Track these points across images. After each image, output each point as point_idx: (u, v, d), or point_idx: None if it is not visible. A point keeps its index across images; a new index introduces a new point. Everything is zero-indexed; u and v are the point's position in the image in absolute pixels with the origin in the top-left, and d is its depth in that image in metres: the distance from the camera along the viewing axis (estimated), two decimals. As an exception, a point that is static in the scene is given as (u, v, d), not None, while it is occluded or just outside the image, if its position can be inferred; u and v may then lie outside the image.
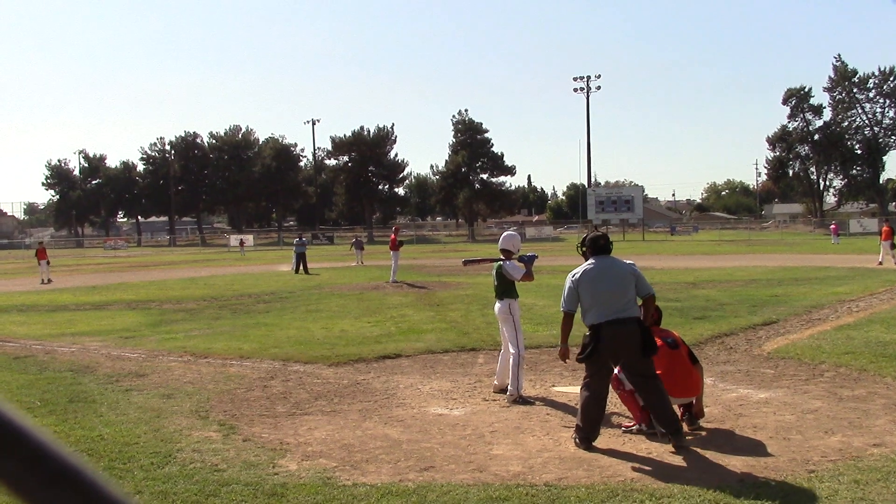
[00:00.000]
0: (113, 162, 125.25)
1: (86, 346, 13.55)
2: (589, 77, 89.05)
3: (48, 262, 33.91)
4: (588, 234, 7.63)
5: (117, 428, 7.68)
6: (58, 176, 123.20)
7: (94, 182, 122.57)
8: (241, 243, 69.35)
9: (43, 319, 18.35)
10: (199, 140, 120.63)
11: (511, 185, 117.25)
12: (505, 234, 9.98)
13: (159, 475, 6.14)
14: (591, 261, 7.17)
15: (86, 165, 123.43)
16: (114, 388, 9.83)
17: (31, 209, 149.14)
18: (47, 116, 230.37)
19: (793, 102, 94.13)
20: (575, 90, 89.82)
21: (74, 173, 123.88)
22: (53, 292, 26.95)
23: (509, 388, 8.87)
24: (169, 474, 6.16)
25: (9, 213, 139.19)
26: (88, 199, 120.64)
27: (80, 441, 7.20)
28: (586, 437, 6.76)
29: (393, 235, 29.32)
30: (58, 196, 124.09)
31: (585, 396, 6.86)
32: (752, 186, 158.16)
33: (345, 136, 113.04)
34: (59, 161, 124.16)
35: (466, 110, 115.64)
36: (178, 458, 6.58)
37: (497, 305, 9.54)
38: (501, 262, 9.41)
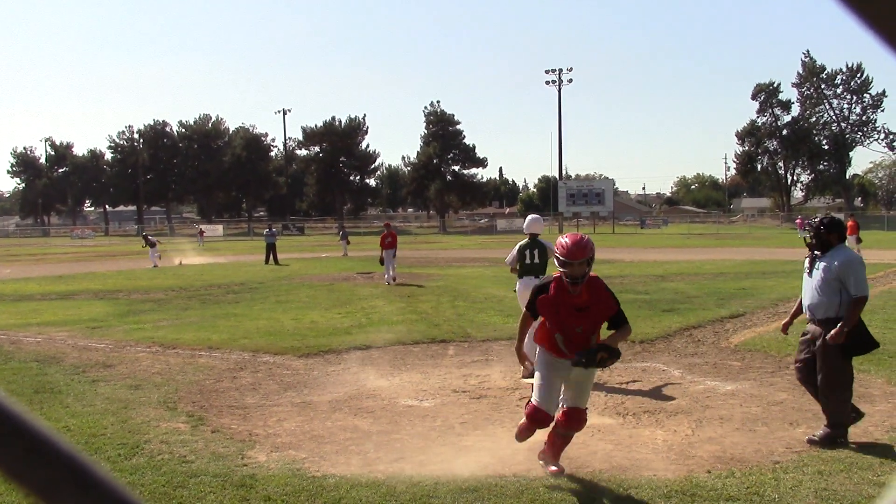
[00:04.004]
0: (80, 150, 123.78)
1: (52, 337, 13.38)
2: (561, 70, 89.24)
3: None
4: (825, 217, 7.02)
5: (84, 419, 7.61)
6: (23, 164, 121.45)
7: (60, 170, 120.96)
8: (201, 233, 67.61)
9: (7, 309, 18.10)
10: (168, 129, 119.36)
11: (482, 178, 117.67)
12: (531, 217, 10.53)
13: (127, 467, 6.09)
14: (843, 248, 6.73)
15: (52, 153, 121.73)
16: (80, 378, 9.72)
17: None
18: (12, 103, 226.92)
19: (762, 97, 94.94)
20: (547, 83, 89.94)
21: (41, 161, 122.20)
22: (18, 281, 26.58)
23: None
24: (136, 466, 6.11)
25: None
26: (55, 188, 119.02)
27: (45, 432, 7.11)
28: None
29: (393, 232, 25.13)
30: (23, 184, 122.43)
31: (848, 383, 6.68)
32: (721, 181, 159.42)
33: (316, 126, 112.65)
34: (24, 149, 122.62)
35: (438, 102, 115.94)
36: (146, 450, 6.53)
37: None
38: (544, 244, 10.05)
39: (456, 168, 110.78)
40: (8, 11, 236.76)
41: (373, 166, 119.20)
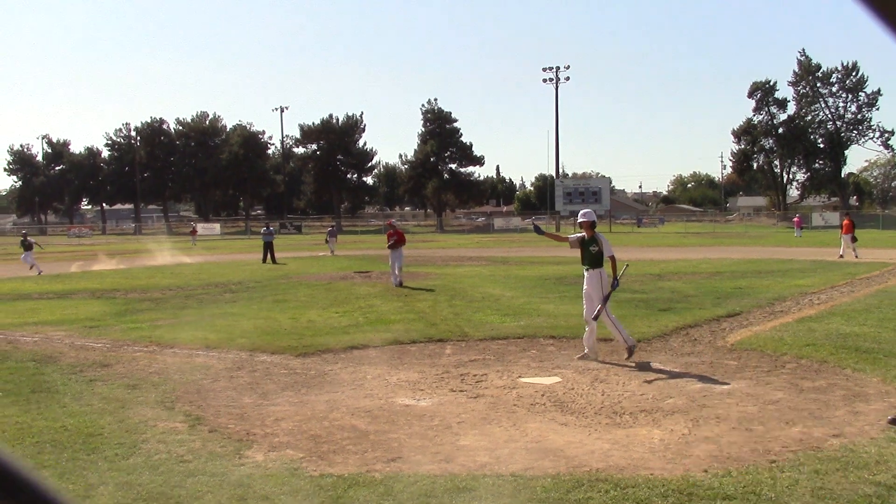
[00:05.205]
0: (77, 148, 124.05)
1: (49, 336, 13.38)
2: (558, 68, 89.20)
3: None
4: None
5: (81, 419, 7.61)
6: (20, 161, 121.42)
7: (57, 168, 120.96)
8: (193, 232, 66.84)
9: (4, 308, 18.08)
10: (165, 126, 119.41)
11: (480, 176, 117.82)
12: (585, 210, 11.21)
13: (124, 466, 6.10)
14: None
15: (49, 151, 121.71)
16: (77, 378, 9.72)
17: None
18: (9, 100, 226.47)
19: (758, 96, 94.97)
20: (544, 80, 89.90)
21: (37, 159, 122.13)
22: (15, 280, 26.55)
23: (624, 342, 10.44)
24: (134, 465, 6.12)
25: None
26: (52, 186, 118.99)
27: (42, 431, 7.13)
28: None
29: (399, 231, 22.52)
30: (20, 182, 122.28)
31: None
32: (717, 179, 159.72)
33: (313, 123, 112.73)
34: (21, 146, 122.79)
35: (436, 100, 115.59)
36: (144, 449, 6.54)
37: (589, 274, 10.66)
38: (598, 236, 10.74)
39: (453, 166, 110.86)
40: (4, 8, 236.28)
41: (370, 164, 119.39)
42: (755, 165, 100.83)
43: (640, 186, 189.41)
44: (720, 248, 40.62)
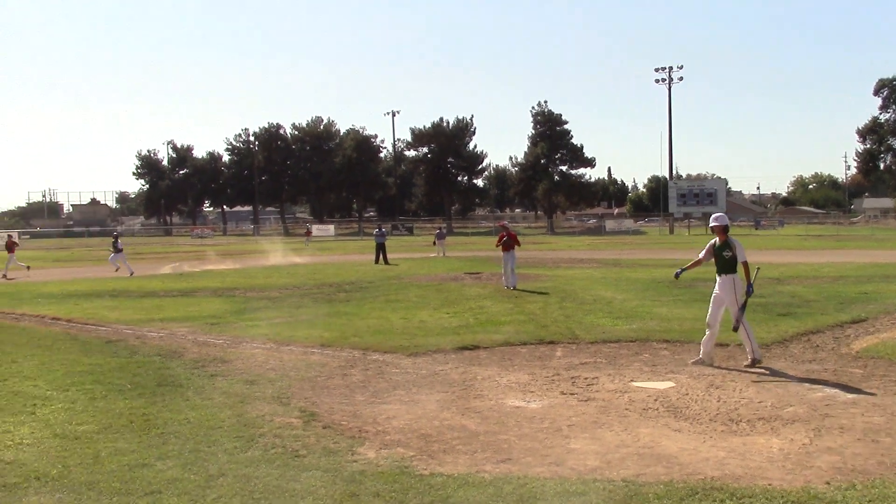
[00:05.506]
0: (200, 152, 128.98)
1: (173, 332, 13.96)
2: (671, 68, 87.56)
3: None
4: None
5: (203, 412, 7.91)
6: (147, 166, 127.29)
7: (181, 172, 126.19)
8: (307, 233, 68.31)
9: (133, 305, 18.96)
10: (282, 131, 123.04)
11: (591, 177, 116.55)
12: (718, 214, 10.82)
13: (242, 459, 6.30)
14: None
15: (174, 156, 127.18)
16: (200, 372, 10.12)
17: (122, 198, 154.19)
18: (138, 108, 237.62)
19: (884, 93, 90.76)
20: (657, 81, 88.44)
21: (163, 163, 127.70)
22: (142, 279, 27.79)
23: (752, 353, 10.13)
24: (251, 458, 6.31)
25: (102, 202, 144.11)
26: (176, 189, 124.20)
27: (167, 423, 7.44)
28: None
29: (512, 233, 22.26)
30: (147, 185, 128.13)
31: None
32: (840, 180, 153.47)
33: (424, 127, 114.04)
34: (148, 151, 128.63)
35: (546, 101, 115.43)
36: (261, 443, 6.74)
37: (722, 279, 10.34)
38: (731, 241, 10.33)
39: (563, 168, 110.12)
40: (135, 22, 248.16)
41: (480, 167, 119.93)
42: (882, 166, 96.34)
43: (758, 188, 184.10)
44: (844, 252, 38.96)
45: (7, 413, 8.00)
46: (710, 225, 10.58)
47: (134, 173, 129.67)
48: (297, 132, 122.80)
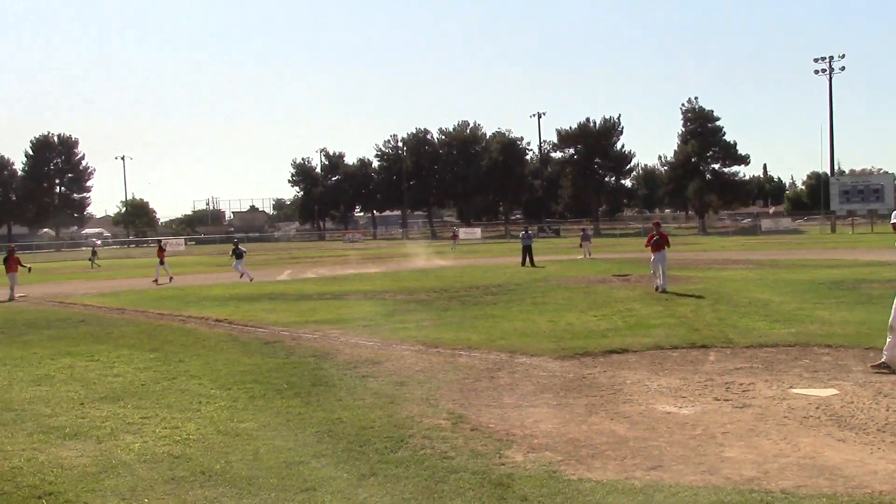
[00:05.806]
0: (350, 159, 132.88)
1: (326, 334, 14.42)
2: (832, 57, 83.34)
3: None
4: None
5: (354, 412, 8.13)
6: (302, 173, 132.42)
7: (333, 178, 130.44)
8: (454, 237, 69.14)
9: (289, 307, 19.72)
10: (429, 136, 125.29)
11: (745, 175, 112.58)
12: None
13: (392, 459, 6.42)
14: None
15: (326, 163, 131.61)
16: (352, 373, 10.40)
17: (279, 205, 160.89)
18: (293, 119, 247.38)
19: None
20: (816, 72, 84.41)
21: (316, 171, 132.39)
22: (297, 283, 28.85)
23: None
24: (401, 459, 6.43)
25: (260, 209, 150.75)
26: (329, 195, 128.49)
27: (321, 422, 7.68)
28: None
29: (664, 233, 21.98)
30: (302, 192, 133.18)
31: None
32: None
33: (570, 128, 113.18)
34: (303, 159, 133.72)
35: (696, 98, 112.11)
36: (410, 444, 6.85)
37: None
38: None
39: (716, 166, 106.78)
40: (293, 37, 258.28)
41: (628, 167, 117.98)
42: None
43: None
44: None
45: (175, 409, 8.49)
46: (892, 222, 9.96)
47: (289, 181, 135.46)
48: (444, 137, 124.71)
